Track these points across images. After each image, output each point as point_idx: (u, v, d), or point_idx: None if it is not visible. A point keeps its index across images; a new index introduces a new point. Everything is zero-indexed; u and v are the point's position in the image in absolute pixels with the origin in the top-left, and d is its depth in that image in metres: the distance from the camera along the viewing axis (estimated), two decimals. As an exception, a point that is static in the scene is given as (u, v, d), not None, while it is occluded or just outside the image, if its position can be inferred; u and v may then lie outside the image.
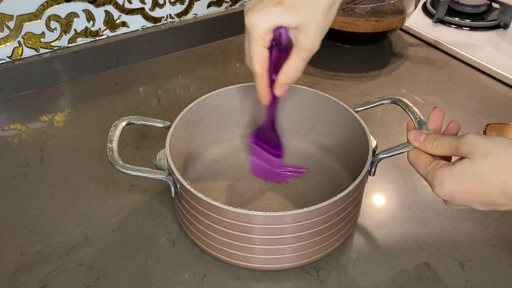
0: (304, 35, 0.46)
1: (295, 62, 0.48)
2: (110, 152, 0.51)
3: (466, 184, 0.42)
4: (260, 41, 0.46)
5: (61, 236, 0.58)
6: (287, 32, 0.47)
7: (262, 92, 0.50)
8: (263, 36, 0.46)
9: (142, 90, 0.84)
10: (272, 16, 0.45)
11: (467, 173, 0.42)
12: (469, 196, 0.42)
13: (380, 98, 0.59)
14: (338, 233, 0.53)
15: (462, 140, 0.43)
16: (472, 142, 0.42)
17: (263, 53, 0.47)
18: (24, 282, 0.53)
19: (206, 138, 0.65)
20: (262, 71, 0.48)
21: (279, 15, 0.45)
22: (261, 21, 0.45)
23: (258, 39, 0.46)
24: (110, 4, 0.85)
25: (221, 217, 0.49)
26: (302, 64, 0.48)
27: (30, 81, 0.83)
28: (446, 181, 0.43)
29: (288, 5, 0.45)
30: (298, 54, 0.47)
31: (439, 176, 0.43)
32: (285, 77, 0.49)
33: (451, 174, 0.42)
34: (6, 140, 0.73)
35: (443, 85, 0.85)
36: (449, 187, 0.43)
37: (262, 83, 0.50)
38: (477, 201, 0.43)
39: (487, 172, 0.41)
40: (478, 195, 0.42)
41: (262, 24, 0.45)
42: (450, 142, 0.44)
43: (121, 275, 0.54)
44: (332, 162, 0.65)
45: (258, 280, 0.53)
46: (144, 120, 0.57)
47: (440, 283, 0.53)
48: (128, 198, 0.63)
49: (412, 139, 0.48)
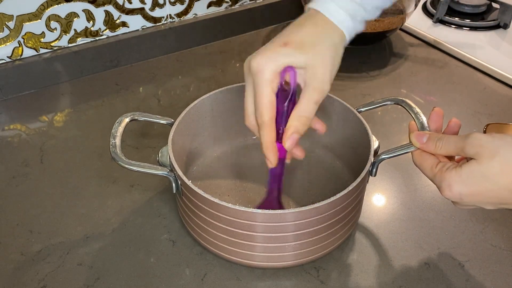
0: (314, 75, 0.45)
1: (305, 106, 0.45)
2: (113, 148, 0.52)
3: (475, 185, 0.42)
4: (269, 84, 0.44)
5: (61, 236, 0.58)
6: (295, 74, 0.45)
7: (269, 146, 0.46)
8: (272, 78, 0.44)
9: (142, 90, 0.84)
10: (280, 56, 0.44)
11: (475, 174, 0.41)
12: (478, 197, 0.42)
13: (383, 99, 0.59)
14: (339, 232, 0.53)
15: (467, 140, 0.42)
16: (478, 143, 0.41)
17: (272, 98, 0.45)
18: (24, 282, 0.53)
19: (209, 136, 0.65)
20: (270, 120, 0.45)
21: (287, 55, 0.44)
22: (269, 62, 0.44)
23: (267, 82, 0.44)
24: (110, 4, 0.85)
25: (221, 214, 0.49)
26: (314, 107, 0.46)
27: (30, 81, 0.83)
28: (455, 184, 0.42)
29: (295, 44, 0.44)
30: (308, 96, 0.45)
31: (447, 179, 0.43)
32: (296, 123, 0.45)
33: (460, 176, 0.42)
34: (6, 140, 0.73)
35: (443, 85, 0.85)
36: (458, 189, 0.42)
37: (270, 135, 0.46)
38: (486, 201, 0.43)
39: (495, 172, 0.41)
40: (487, 196, 0.42)
41: (270, 65, 0.44)
42: (455, 142, 0.44)
43: (121, 275, 0.54)
44: (334, 162, 0.66)
45: (258, 280, 0.53)
46: (147, 116, 0.57)
47: (440, 283, 0.53)
48: (128, 198, 0.63)
49: (415, 140, 0.47)
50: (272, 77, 0.44)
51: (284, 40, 0.45)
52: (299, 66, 0.45)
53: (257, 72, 0.44)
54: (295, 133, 0.46)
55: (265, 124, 0.46)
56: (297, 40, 0.45)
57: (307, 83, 0.45)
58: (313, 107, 0.46)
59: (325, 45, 0.46)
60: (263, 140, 0.46)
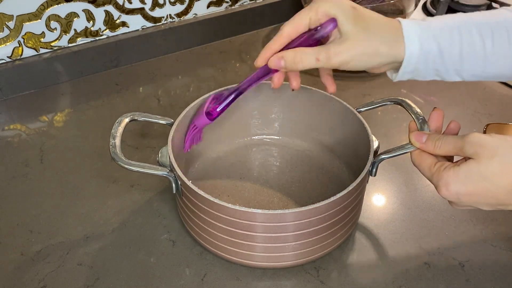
0: (339, 44, 0.45)
1: (309, 55, 0.46)
2: (113, 148, 0.52)
3: (473, 185, 0.41)
4: (313, 13, 0.46)
5: (61, 236, 0.58)
6: (333, 28, 0.46)
7: (268, 49, 0.48)
8: (318, 16, 0.45)
9: (142, 90, 0.84)
10: (339, 9, 0.45)
11: (473, 174, 0.41)
12: (476, 197, 0.42)
13: (383, 99, 0.59)
14: (339, 232, 0.53)
15: (467, 140, 0.42)
16: (478, 142, 0.41)
17: (304, 22, 0.46)
18: (24, 282, 0.53)
19: (209, 136, 0.65)
20: (287, 34, 0.47)
21: (345, 14, 0.45)
22: (329, 3, 0.45)
23: (313, 11, 0.45)
24: (110, 4, 0.85)
25: (221, 215, 0.49)
26: (312, 61, 0.46)
27: (30, 81, 0.83)
28: (452, 183, 0.42)
29: (359, 15, 0.45)
30: (318, 51, 0.46)
31: (445, 178, 0.43)
32: (291, 56, 0.47)
33: (457, 175, 0.42)
34: (6, 140, 0.73)
35: (443, 85, 0.85)
36: (455, 189, 0.42)
37: (277, 43, 0.48)
38: (484, 202, 0.42)
39: (494, 172, 0.40)
40: (485, 196, 0.41)
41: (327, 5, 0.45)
42: (454, 142, 0.44)
43: (121, 275, 0.54)
44: (334, 162, 0.66)
45: (258, 280, 0.53)
46: (147, 116, 0.57)
47: (440, 283, 0.53)
48: (128, 198, 0.63)
49: (414, 140, 0.47)
50: (320, 15, 0.46)
51: (356, 4, 0.46)
52: (344, 31, 0.45)
53: (314, 3, 0.46)
54: (282, 60, 0.47)
55: (279, 33, 0.47)
56: (364, 14, 0.45)
57: (331, 45, 0.46)
58: (312, 61, 0.46)
59: (378, 40, 0.45)
60: (268, 44, 0.48)
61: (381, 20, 0.46)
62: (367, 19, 0.46)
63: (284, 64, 0.47)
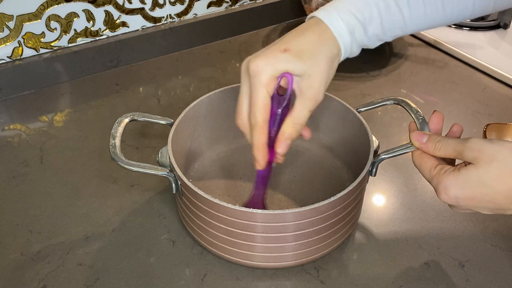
0: (309, 84, 0.45)
1: (300, 113, 0.46)
2: (113, 148, 0.52)
3: (471, 190, 0.42)
4: (265, 87, 0.45)
5: (61, 236, 0.58)
6: (292, 81, 0.45)
7: (260, 148, 0.47)
8: (268, 82, 0.44)
9: (142, 90, 0.84)
10: (279, 62, 0.44)
11: (472, 179, 0.41)
12: (474, 201, 0.42)
13: (383, 99, 0.59)
14: (339, 232, 0.53)
15: (466, 144, 0.42)
16: (477, 148, 0.41)
17: (267, 100, 0.45)
18: (24, 282, 0.53)
19: (209, 136, 0.65)
20: (263, 122, 0.46)
21: (286, 61, 0.44)
22: (268, 66, 0.44)
23: (263, 85, 0.44)
24: (110, 4, 0.85)
25: (221, 215, 0.49)
26: (307, 115, 0.46)
27: (30, 81, 0.83)
28: (451, 187, 0.42)
29: (295, 52, 0.45)
30: (303, 104, 0.46)
31: (444, 182, 0.43)
32: (291, 129, 0.46)
33: (457, 180, 0.42)
34: (6, 140, 0.73)
35: (443, 85, 0.85)
36: (454, 193, 0.42)
37: (262, 137, 0.46)
38: (482, 206, 0.42)
39: (492, 178, 0.40)
40: (483, 201, 0.42)
41: (268, 68, 0.44)
42: (454, 145, 0.44)
43: (121, 275, 0.54)
44: (334, 162, 0.66)
45: (258, 280, 0.53)
46: (147, 116, 0.57)
47: (440, 283, 0.53)
48: (128, 198, 0.63)
49: (414, 140, 0.47)
50: (269, 80, 0.45)
51: (284, 46, 0.45)
52: (297, 73, 0.45)
53: (255, 74, 0.45)
54: (288, 139, 0.47)
55: (258, 126, 0.46)
56: (297, 48, 0.45)
57: (302, 91, 0.46)
58: (307, 115, 0.47)
59: (323, 56, 0.46)
60: (254, 141, 0.47)
61: (313, 38, 0.46)
62: (303, 46, 0.46)
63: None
